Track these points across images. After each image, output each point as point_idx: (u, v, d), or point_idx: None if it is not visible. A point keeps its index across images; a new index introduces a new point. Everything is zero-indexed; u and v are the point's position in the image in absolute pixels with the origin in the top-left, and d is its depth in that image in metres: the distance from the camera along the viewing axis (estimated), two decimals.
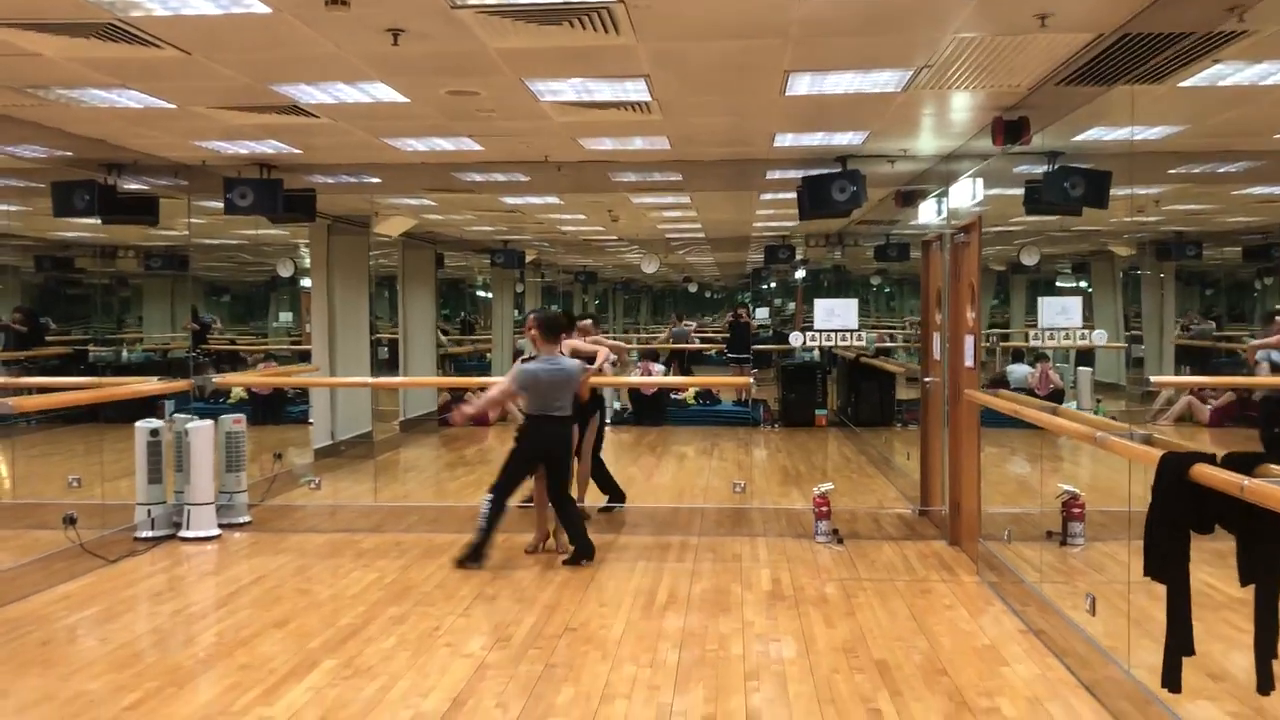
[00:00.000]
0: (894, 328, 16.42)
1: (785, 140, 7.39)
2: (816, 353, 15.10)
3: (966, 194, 7.53)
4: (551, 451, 7.25)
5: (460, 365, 18.80)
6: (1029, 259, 13.41)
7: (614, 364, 8.85)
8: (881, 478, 10.55)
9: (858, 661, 5.16)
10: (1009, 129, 6.37)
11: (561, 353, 7.52)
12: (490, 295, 19.98)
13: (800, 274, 18.28)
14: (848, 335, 8.02)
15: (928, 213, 8.76)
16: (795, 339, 8.29)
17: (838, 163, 7.89)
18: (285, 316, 17.51)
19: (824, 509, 7.78)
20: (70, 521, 7.12)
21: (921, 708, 4.55)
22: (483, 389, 15.27)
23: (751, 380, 10.89)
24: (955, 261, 7.77)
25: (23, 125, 6.57)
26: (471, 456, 12.44)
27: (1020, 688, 4.80)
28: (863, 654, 5.28)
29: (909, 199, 9.31)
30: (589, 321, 9.34)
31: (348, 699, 4.66)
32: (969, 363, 7.40)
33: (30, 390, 9.55)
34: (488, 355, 18.40)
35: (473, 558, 6.97)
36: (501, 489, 7.18)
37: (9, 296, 14.63)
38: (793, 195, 8.68)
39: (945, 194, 8.10)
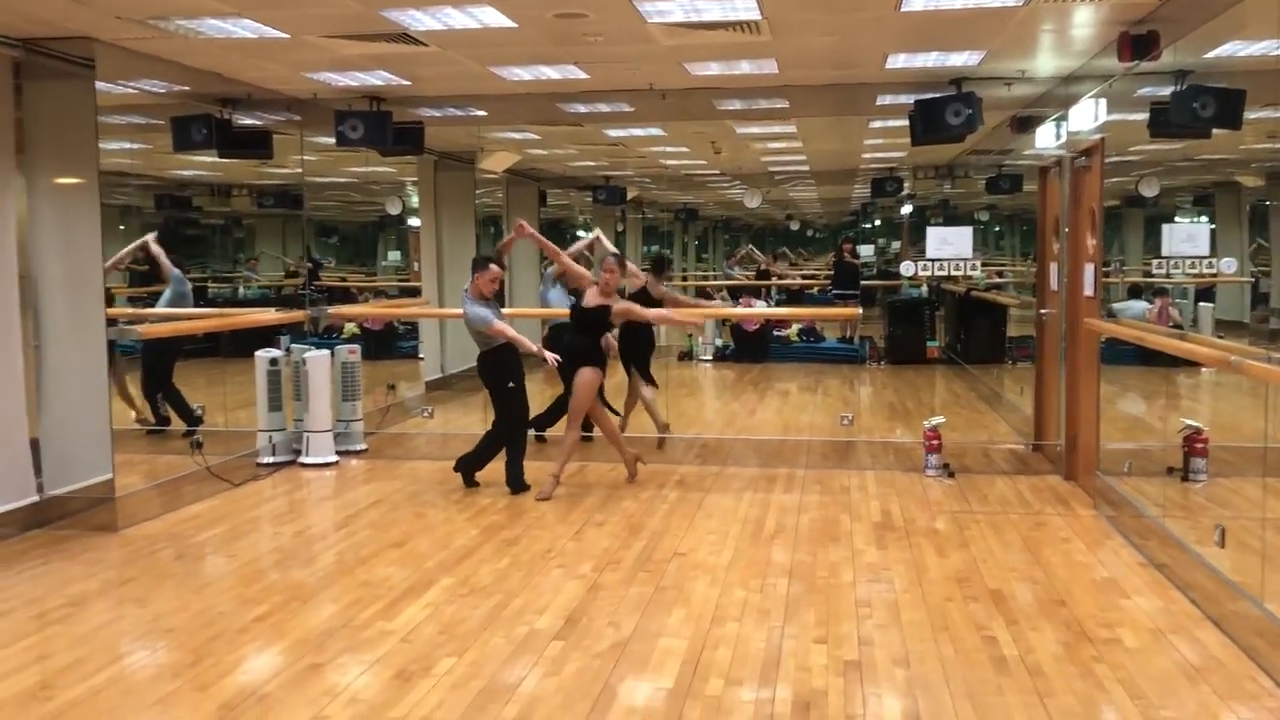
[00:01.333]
0: (1003, 265, 15.98)
1: (897, 61, 7.17)
2: (924, 288, 14.79)
3: (1088, 116, 7.22)
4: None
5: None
6: (1148, 190, 12.85)
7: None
8: (992, 413, 10.33)
9: (971, 591, 5.09)
10: (1136, 44, 6.05)
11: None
12: (587, 234, 20.00)
13: (907, 209, 17.87)
14: (961, 264, 7.79)
15: (1045, 138, 8.44)
16: (907, 268, 8.10)
17: (952, 85, 7.63)
18: (393, 255, 17.79)
19: (935, 442, 7.66)
20: (197, 446, 7.40)
21: (1039, 637, 4.47)
22: None
23: (860, 311, 10.71)
24: (1075, 188, 7.49)
25: (144, 59, 6.73)
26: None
27: (1142, 620, 4.68)
28: (976, 584, 5.20)
29: (1025, 124, 8.96)
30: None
31: (465, 615, 4.77)
32: (1089, 292, 7.15)
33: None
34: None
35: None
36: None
37: (131, 235, 15.12)
38: (903, 123, 8.43)
39: (1064, 117, 7.78)
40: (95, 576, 5.40)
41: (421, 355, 12.61)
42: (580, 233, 20.94)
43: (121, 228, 15.50)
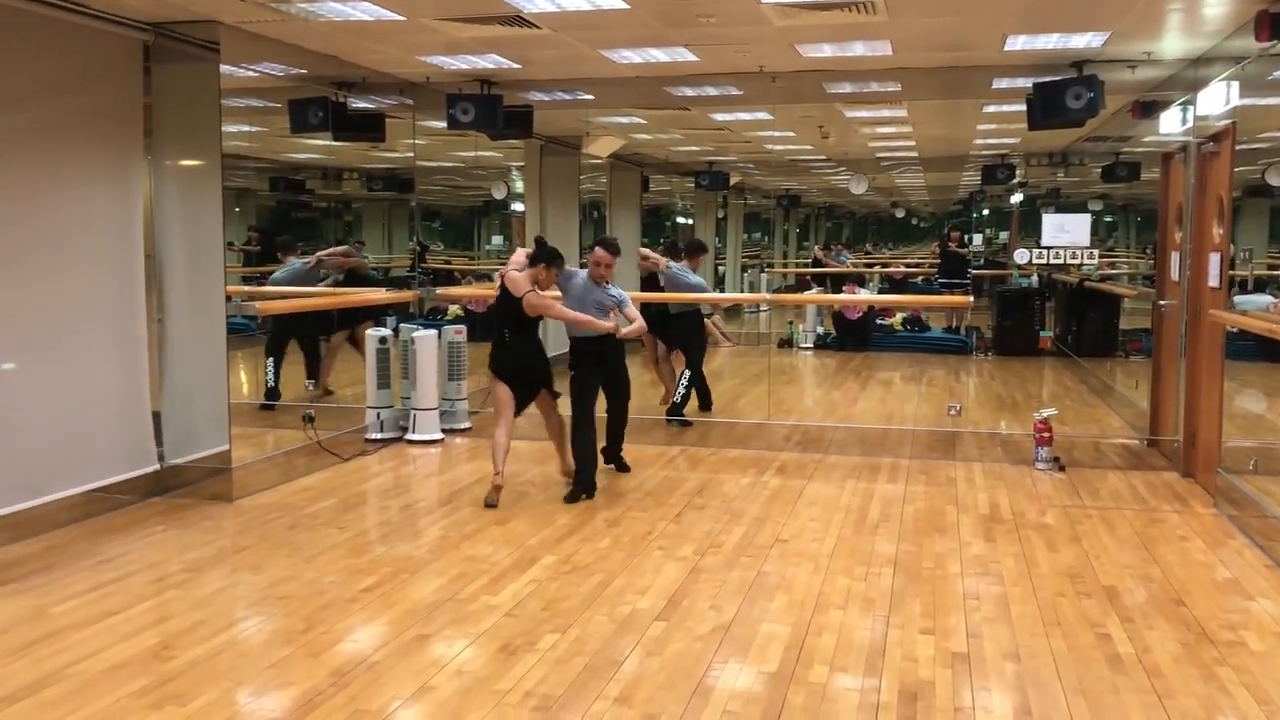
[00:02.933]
0: (1116, 256, 15.48)
1: (1016, 43, 6.97)
2: (1035, 278, 14.41)
3: (1219, 100, 6.92)
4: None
5: (659, 285, 18.96)
6: (1276, 179, 12.32)
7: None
8: (1104, 407, 10.02)
9: (1084, 586, 4.95)
10: (1276, 22, 5.78)
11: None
12: (689, 221, 19.97)
13: (1017, 198, 17.43)
14: (1077, 253, 7.56)
15: (1170, 123, 8.12)
16: (1021, 256, 7.90)
17: (1072, 68, 7.40)
18: (496, 240, 18.02)
19: (1045, 435, 7.46)
20: (309, 420, 7.59)
21: (1157, 636, 4.32)
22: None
23: (971, 300, 10.48)
24: (1201, 174, 7.20)
25: (266, 42, 6.91)
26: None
27: (1268, 623, 4.49)
28: (1089, 580, 5.05)
29: (1148, 109, 8.64)
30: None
31: (567, 592, 4.81)
32: (1214, 283, 6.87)
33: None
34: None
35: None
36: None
37: (245, 216, 15.59)
38: (1017, 108, 8.22)
39: (1192, 101, 7.48)
40: (211, 544, 5.58)
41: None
42: (680, 219, 20.93)
43: (237, 209, 16.00)
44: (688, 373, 9.14)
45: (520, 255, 6.73)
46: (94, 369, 6.07)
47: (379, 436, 8.16)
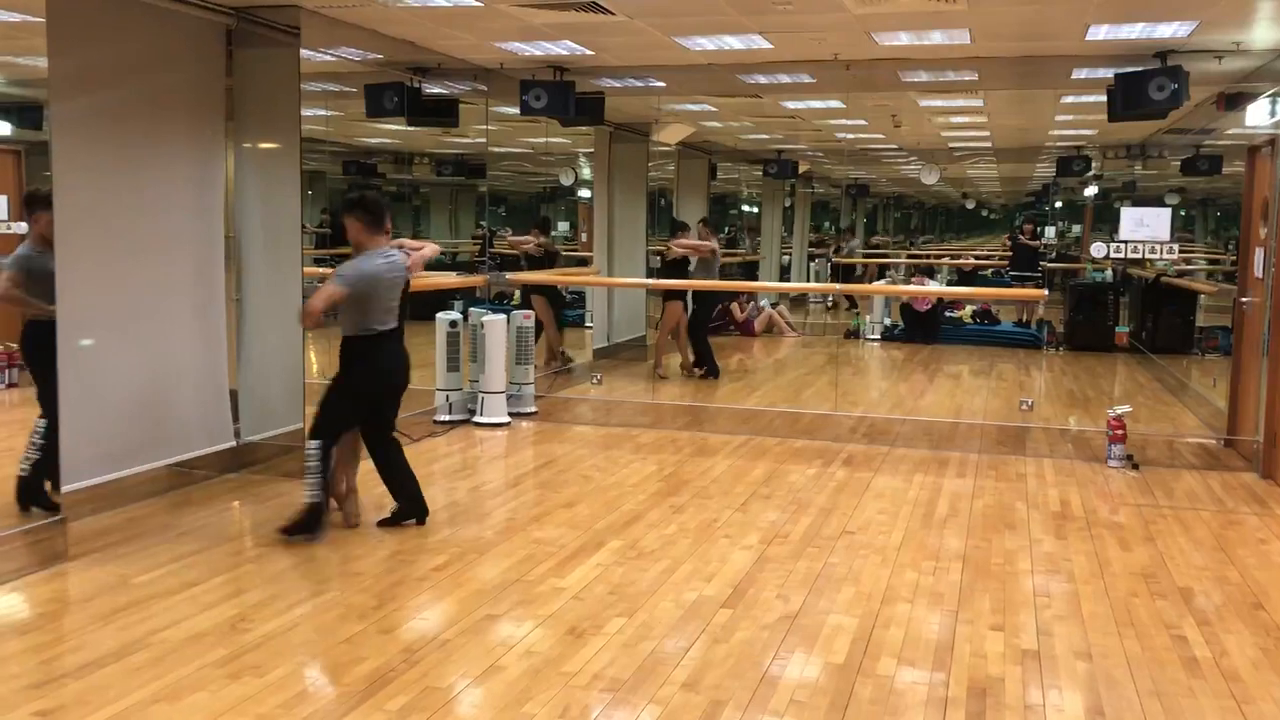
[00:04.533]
0: (1194, 251, 15.13)
1: (1099, 33, 6.83)
2: (1109, 272, 14.13)
3: None
4: (395, 383, 5.56)
5: (726, 274, 18.91)
6: None
7: None
8: (1179, 405, 9.81)
9: (1158, 587, 4.86)
10: None
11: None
12: (753, 209, 19.90)
13: (1091, 190, 17.09)
14: (1156, 247, 7.41)
15: (1258, 115, 7.89)
16: (1098, 250, 7.75)
17: (1156, 59, 7.24)
18: (562, 226, 18.11)
19: (1119, 432, 7.33)
20: None
21: (1235, 640, 4.23)
22: (752, 296, 15.44)
23: (1045, 293, 10.32)
24: None
25: (345, 27, 7.01)
26: (734, 365, 12.53)
27: None
28: (1164, 580, 4.96)
29: (1234, 101, 8.43)
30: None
31: (634, 578, 4.84)
32: None
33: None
34: (740, 266, 18.51)
35: (305, 527, 5.25)
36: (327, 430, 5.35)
37: (318, 200, 15.85)
38: (1096, 99, 8.08)
39: None
40: (286, 519, 5.69)
41: (590, 324, 12.81)
42: (745, 208, 20.86)
43: (309, 192, 16.24)
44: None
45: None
46: (174, 347, 6.22)
47: (447, 418, 8.26)
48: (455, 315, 8.43)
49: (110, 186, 5.64)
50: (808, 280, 18.98)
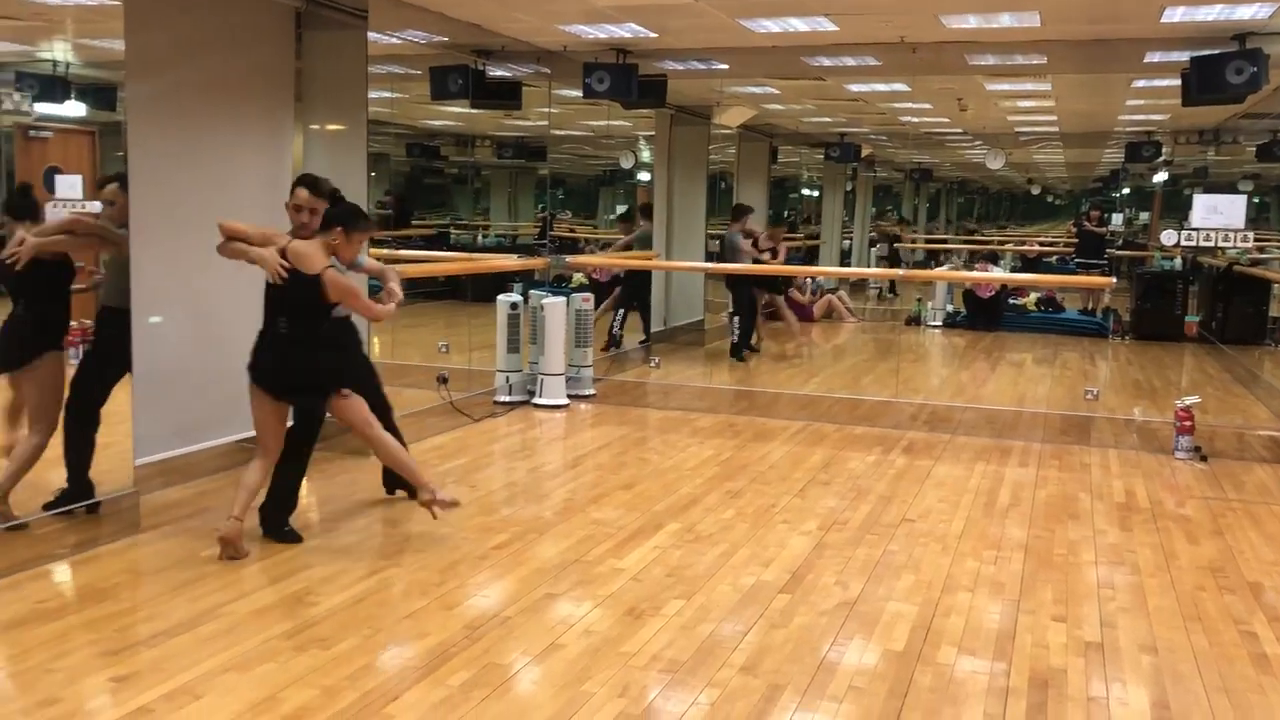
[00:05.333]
0: (1268, 239, 14.76)
1: (1174, 14, 6.68)
2: (1178, 260, 13.83)
3: None
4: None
5: (786, 259, 18.83)
6: None
7: None
8: (1250, 397, 9.60)
9: (1227, 582, 4.77)
10: None
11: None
12: (812, 193, 19.74)
13: (1161, 176, 16.73)
14: (1230, 236, 7.24)
15: None
16: (1168, 237, 7.59)
17: (1234, 41, 7.06)
18: (620, 209, 18.12)
19: (1187, 423, 7.19)
20: (443, 381, 7.80)
21: None
22: (811, 278, 15.34)
23: (1113, 280, 10.13)
24: None
25: (412, 9, 7.06)
26: (791, 350, 12.48)
27: None
28: (1232, 575, 4.87)
29: None
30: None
31: (691, 561, 4.85)
32: None
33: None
34: (799, 251, 18.41)
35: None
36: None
37: (380, 181, 16.02)
38: (1171, 82, 7.89)
39: None
40: (349, 497, 5.79)
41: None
42: (806, 191, 20.70)
43: (372, 174, 16.39)
44: (737, 320, 10.98)
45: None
46: (242, 325, 6.31)
47: (507, 399, 8.34)
48: (516, 297, 8.49)
49: (182, 163, 5.75)
50: (869, 266, 18.79)
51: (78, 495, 5.09)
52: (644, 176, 14.19)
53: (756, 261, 11.00)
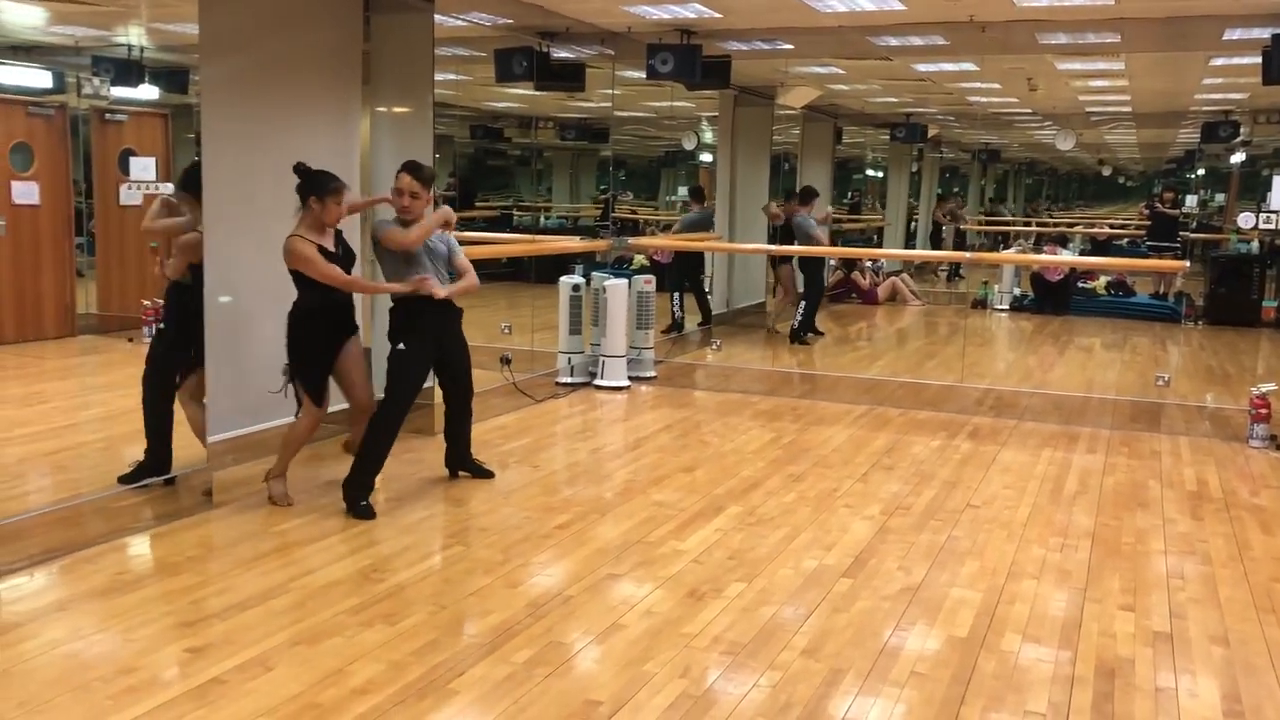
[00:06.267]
0: None
1: None
2: (1255, 244, 13.47)
3: None
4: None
5: (848, 240, 18.68)
6: None
7: None
8: None
9: None
10: None
11: None
12: (877, 174, 19.52)
13: (1238, 157, 16.28)
14: None
15: None
16: (1245, 220, 7.40)
17: None
18: (682, 190, 18.08)
19: (1263, 411, 7.02)
20: (506, 362, 7.86)
21: None
22: (874, 261, 15.21)
23: (1185, 264, 9.90)
24: None
25: None
26: (855, 334, 12.38)
27: None
28: None
29: None
30: None
31: (753, 543, 4.86)
32: None
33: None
34: (863, 233, 18.27)
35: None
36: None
37: (444, 164, 16.15)
38: (1251, 60, 7.66)
39: None
40: (415, 475, 5.87)
41: (709, 290, 12.76)
42: (871, 173, 20.48)
43: (437, 155, 16.51)
44: (804, 304, 10.92)
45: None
46: None
47: (569, 381, 8.38)
48: (578, 279, 8.52)
49: (252, 147, 5.84)
50: (934, 248, 18.54)
51: (155, 468, 5.24)
52: (706, 158, 14.15)
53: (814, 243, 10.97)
